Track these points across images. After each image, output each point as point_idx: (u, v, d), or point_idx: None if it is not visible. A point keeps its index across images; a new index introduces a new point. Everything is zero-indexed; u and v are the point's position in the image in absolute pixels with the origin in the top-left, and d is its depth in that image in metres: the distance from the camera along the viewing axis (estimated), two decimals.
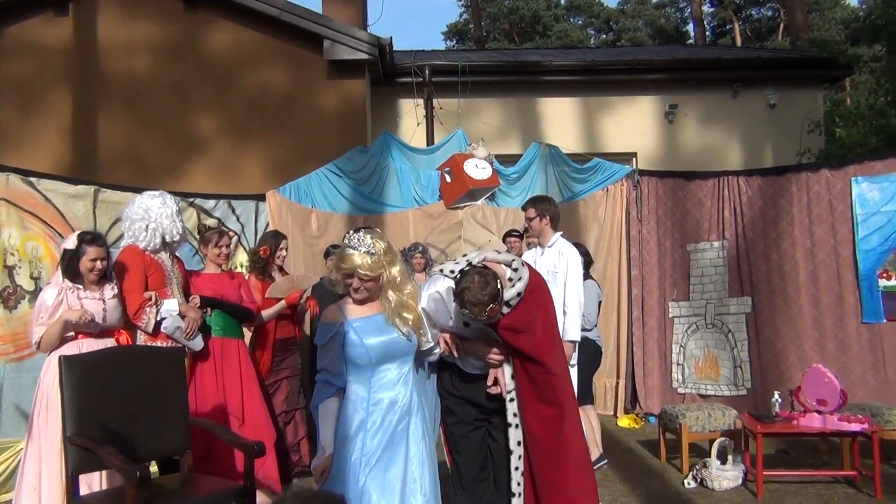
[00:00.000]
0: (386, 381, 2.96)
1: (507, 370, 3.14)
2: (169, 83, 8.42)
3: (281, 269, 5.49)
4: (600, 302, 5.86)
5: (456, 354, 3.12)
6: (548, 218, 4.87)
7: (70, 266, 3.90)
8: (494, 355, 3.11)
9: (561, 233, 4.99)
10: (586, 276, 5.72)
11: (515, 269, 3.09)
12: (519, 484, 3.12)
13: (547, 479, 3.07)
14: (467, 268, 3.00)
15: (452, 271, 3.06)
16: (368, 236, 2.96)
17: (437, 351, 3.17)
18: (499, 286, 2.92)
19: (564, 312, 4.73)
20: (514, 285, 3.04)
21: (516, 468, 3.13)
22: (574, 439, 3.12)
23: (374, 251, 2.93)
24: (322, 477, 2.89)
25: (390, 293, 2.98)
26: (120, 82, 8.40)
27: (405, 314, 3.00)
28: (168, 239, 4.29)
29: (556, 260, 4.88)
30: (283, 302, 5.11)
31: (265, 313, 5.07)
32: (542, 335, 3.12)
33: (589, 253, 6.05)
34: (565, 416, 3.09)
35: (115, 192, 5.84)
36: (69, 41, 8.36)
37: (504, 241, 6.75)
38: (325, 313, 3.07)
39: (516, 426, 3.12)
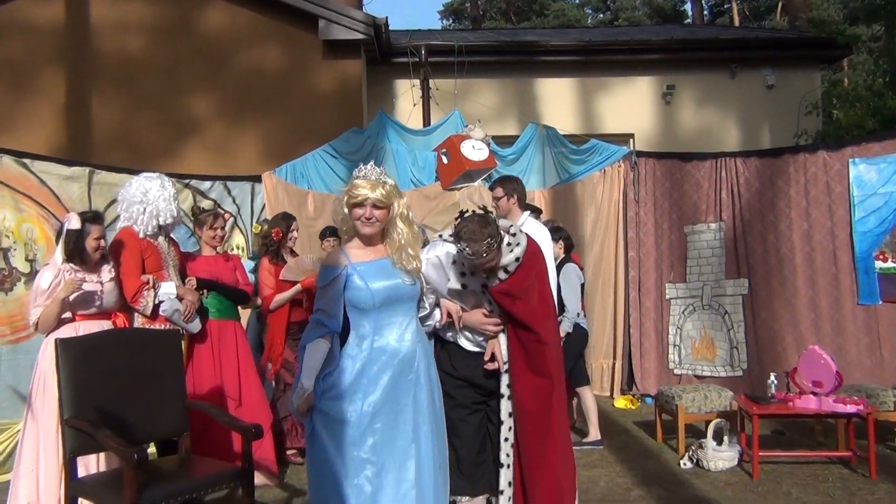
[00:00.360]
0: (389, 328, 2.92)
1: (503, 342, 3.14)
2: (163, 63, 8.34)
3: (292, 251, 5.45)
4: (582, 285, 5.85)
5: (458, 325, 3.10)
6: (515, 197, 4.69)
7: (77, 246, 3.88)
8: (492, 325, 3.12)
9: (529, 212, 4.84)
10: (567, 259, 5.69)
11: (513, 235, 3.11)
12: (508, 455, 3.14)
13: (534, 449, 3.09)
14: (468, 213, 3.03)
15: (451, 235, 3.07)
16: (378, 168, 2.97)
17: (435, 318, 3.14)
18: (499, 230, 2.96)
19: None
20: (511, 251, 3.05)
21: (506, 439, 3.14)
22: (561, 411, 3.18)
23: (384, 181, 2.93)
24: (305, 416, 2.90)
25: (400, 225, 2.96)
26: (113, 63, 8.32)
27: (410, 252, 2.97)
28: (163, 221, 4.27)
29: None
30: (298, 285, 5.04)
31: (280, 296, 5.03)
32: (538, 303, 3.15)
33: (570, 237, 6.02)
34: (554, 387, 3.12)
35: (110, 174, 5.81)
36: (62, 21, 8.27)
37: None
38: (328, 255, 3.04)
39: (508, 397, 3.14)
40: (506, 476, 3.15)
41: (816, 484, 4.61)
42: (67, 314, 3.87)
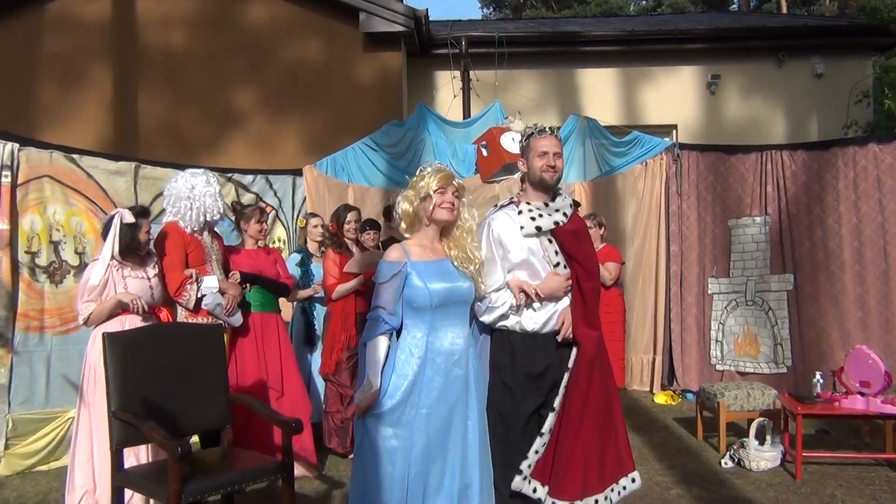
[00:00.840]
0: (444, 329, 2.92)
1: (566, 303, 3.15)
2: (205, 57, 8.47)
3: (357, 242, 5.45)
4: None
5: (534, 298, 3.08)
6: None
7: (133, 241, 3.98)
8: (567, 281, 3.12)
9: None
10: None
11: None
12: (551, 426, 3.07)
13: (599, 394, 3.10)
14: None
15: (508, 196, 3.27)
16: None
17: (504, 302, 3.07)
18: None
19: None
20: (564, 198, 3.26)
21: (553, 409, 3.08)
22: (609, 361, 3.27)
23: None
24: (365, 414, 2.85)
25: (466, 220, 3.01)
26: (158, 57, 8.47)
27: (470, 252, 2.99)
28: (209, 218, 4.34)
29: None
30: (360, 276, 5.07)
31: (342, 287, 5.08)
32: (592, 246, 3.34)
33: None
34: (602, 338, 3.19)
35: (155, 168, 5.91)
36: (108, 16, 8.45)
37: None
38: (389, 252, 3.00)
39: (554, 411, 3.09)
40: (540, 442, 3.08)
41: (862, 486, 4.52)
42: (118, 311, 3.96)
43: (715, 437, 5.39)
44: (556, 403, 3.07)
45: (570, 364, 3.09)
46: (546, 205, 3.20)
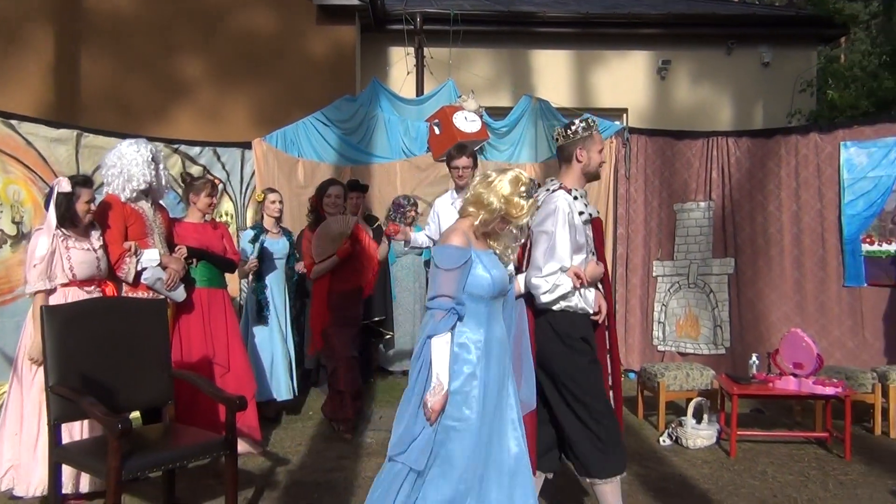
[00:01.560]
0: (496, 318, 2.92)
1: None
2: (153, 23, 8.23)
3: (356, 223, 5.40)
4: None
5: (587, 284, 3.23)
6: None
7: (68, 210, 3.87)
8: (601, 269, 3.33)
9: None
10: None
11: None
12: None
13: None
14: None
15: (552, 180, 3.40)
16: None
17: (563, 284, 3.14)
18: None
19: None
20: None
21: None
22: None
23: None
24: (435, 417, 2.70)
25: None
26: (103, 21, 8.20)
27: (512, 254, 3.01)
28: (136, 186, 4.22)
29: None
30: (335, 257, 5.07)
31: (318, 268, 5.11)
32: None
33: None
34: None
35: (98, 137, 5.75)
36: None
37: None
38: (453, 237, 2.82)
39: None
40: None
41: (792, 463, 4.70)
42: (66, 279, 3.87)
43: (655, 416, 5.54)
44: None
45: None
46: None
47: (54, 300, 3.79)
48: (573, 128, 3.39)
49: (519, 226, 2.88)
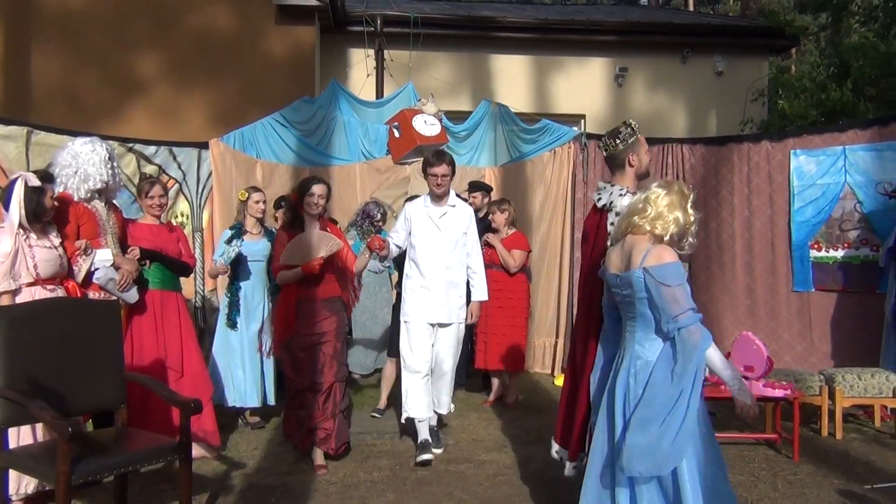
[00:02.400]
0: None
1: None
2: (108, 18, 8.07)
3: (329, 218, 5.16)
4: None
5: None
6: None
7: (39, 205, 3.80)
8: None
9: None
10: None
11: None
12: None
13: None
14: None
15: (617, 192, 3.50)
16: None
17: None
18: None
19: (475, 273, 4.99)
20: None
21: None
22: None
23: None
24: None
25: None
26: (54, 15, 8.01)
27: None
28: (93, 186, 4.15)
29: (465, 220, 4.91)
30: (298, 270, 4.46)
31: (284, 274, 4.50)
32: None
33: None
34: None
35: (49, 135, 5.62)
36: None
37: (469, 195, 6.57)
38: (667, 253, 2.85)
39: None
40: None
41: (742, 464, 4.80)
42: (30, 278, 3.78)
43: None
44: None
45: None
46: None
47: (21, 300, 3.71)
48: (620, 136, 3.49)
49: (693, 234, 2.99)
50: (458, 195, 5.12)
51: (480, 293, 4.98)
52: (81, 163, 4.12)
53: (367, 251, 4.62)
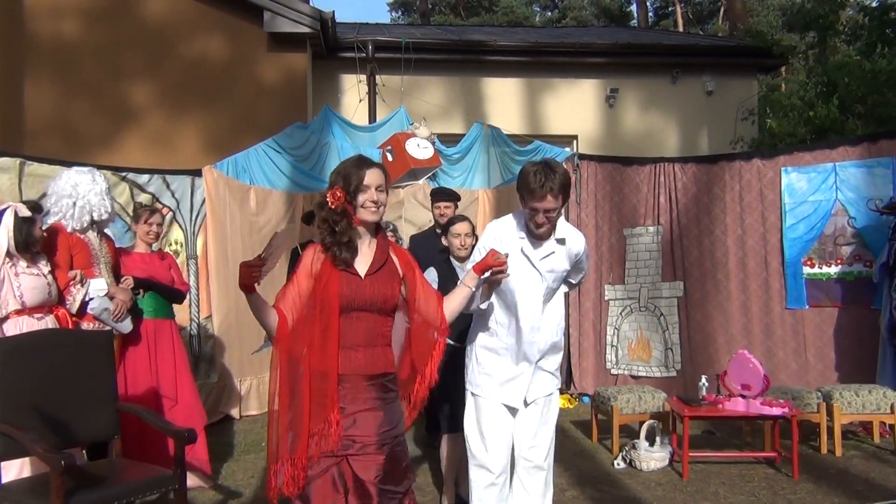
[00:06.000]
0: None
1: None
2: (100, 49, 8.11)
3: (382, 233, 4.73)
4: None
5: None
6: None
7: (30, 235, 3.82)
8: None
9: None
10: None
11: None
12: None
13: None
14: None
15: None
16: None
17: None
18: None
19: None
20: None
21: None
22: None
23: None
24: None
25: None
26: (47, 46, 8.05)
27: None
28: (96, 217, 4.17)
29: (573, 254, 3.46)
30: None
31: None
32: None
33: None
34: None
35: (42, 165, 5.60)
36: None
37: (433, 207, 6.01)
38: None
39: None
40: None
41: (742, 484, 4.78)
42: (17, 306, 3.76)
43: (609, 440, 5.58)
44: None
45: None
46: None
47: (7, 329, 3.71)
48: None
49: None
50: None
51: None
52: (82, 193, 4.13)
53: (472, 278, 2.78)
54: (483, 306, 3.09)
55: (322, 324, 2.50)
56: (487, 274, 2.77)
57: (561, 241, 3.20)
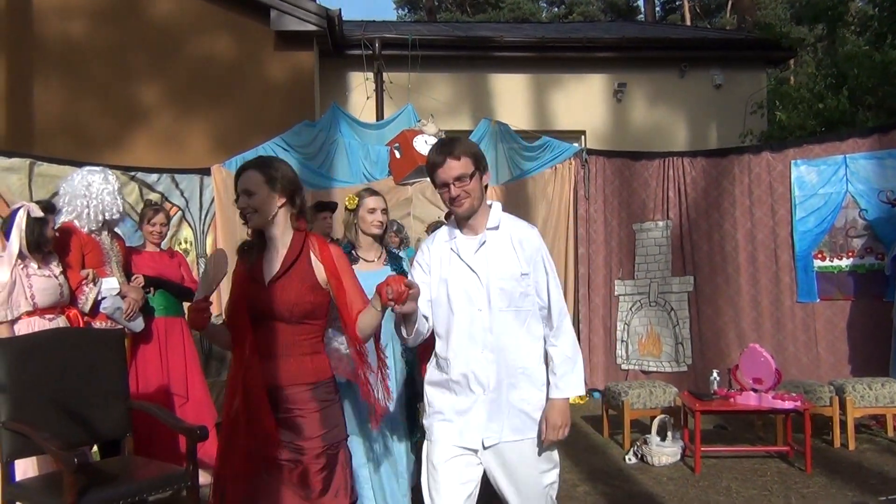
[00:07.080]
0: None
1: None
2: (108, 49, 8.13)
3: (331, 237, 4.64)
4: None
5: None
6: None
7: (42, 235, 3.84)
8: None
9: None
10: None
11: None
12: None
13: None
14: None
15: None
16: None
17: None
18: None
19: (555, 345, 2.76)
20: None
21: None
22: None
23: None
24: None
25: None
26: (56, 47, 8.08)
27: None
28: (108, 217, 4.19)
29: (526, 251, 2.81)
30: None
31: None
32: None
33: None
34: None
35: (52, 165, 5.65)
36: (2, 3, 7.99)
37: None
38: None
39: None
40: None
41: (755, 478, 4.76)
42: (29, 307, 3.78)
43: (620, 435, 5.56)
44: None
45: None
46: None
47: (19, 330, 3.72)
48: None
49: None
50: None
51: (565, 384, 2.73)
52: (95, 193, 4.14)
53: (377, 301, 2.42)
54: (409, 337, 2.58)
55: (238, 333, 2.49)
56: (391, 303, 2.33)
57: (494, 228, 2.66)
